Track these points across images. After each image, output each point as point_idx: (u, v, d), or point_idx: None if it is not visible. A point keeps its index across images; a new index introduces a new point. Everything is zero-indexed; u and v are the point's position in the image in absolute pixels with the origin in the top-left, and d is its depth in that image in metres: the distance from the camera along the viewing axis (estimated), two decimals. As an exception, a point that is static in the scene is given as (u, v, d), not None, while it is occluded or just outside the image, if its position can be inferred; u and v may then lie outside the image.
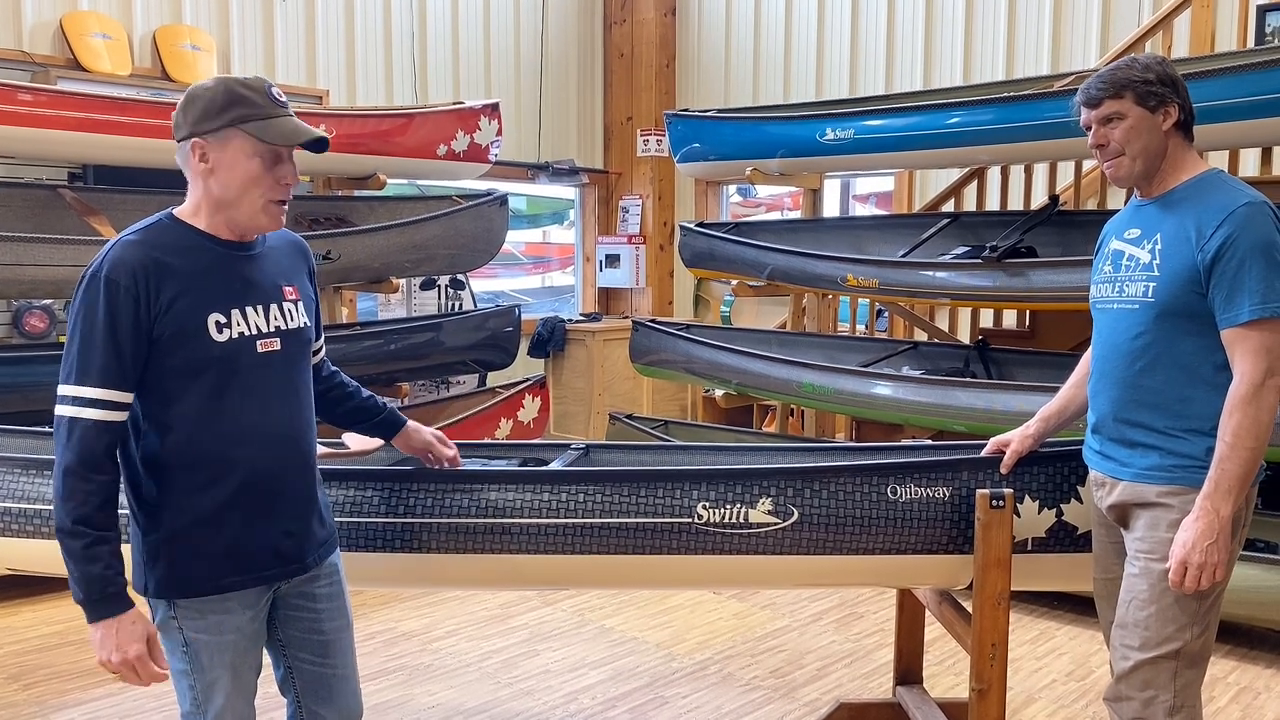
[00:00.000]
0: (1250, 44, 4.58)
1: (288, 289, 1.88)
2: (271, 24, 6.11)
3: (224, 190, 1.76)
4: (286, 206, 1.82)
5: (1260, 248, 1.94)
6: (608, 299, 8.13)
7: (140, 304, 1.68)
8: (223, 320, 1.75)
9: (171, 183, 5.07)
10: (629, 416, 5.21)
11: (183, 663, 1.77)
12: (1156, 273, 2.06)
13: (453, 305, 6.62)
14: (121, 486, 1.75)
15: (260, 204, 1.77)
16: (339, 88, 6.41)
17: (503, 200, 5.62)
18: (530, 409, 5.77)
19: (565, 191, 8.13)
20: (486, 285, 7.70)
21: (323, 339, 2.07)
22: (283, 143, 1.76)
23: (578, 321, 7.51)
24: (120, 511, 1.72)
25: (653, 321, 5.59)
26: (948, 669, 3.46)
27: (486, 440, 5.31)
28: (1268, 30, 4.53)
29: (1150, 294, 2.06)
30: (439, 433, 2.29)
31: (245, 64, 6.00)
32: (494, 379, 6.29)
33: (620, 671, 3.46)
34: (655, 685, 3.35)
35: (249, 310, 1.79)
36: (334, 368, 2.17)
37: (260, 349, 1.79)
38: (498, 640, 3.73)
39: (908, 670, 2.99)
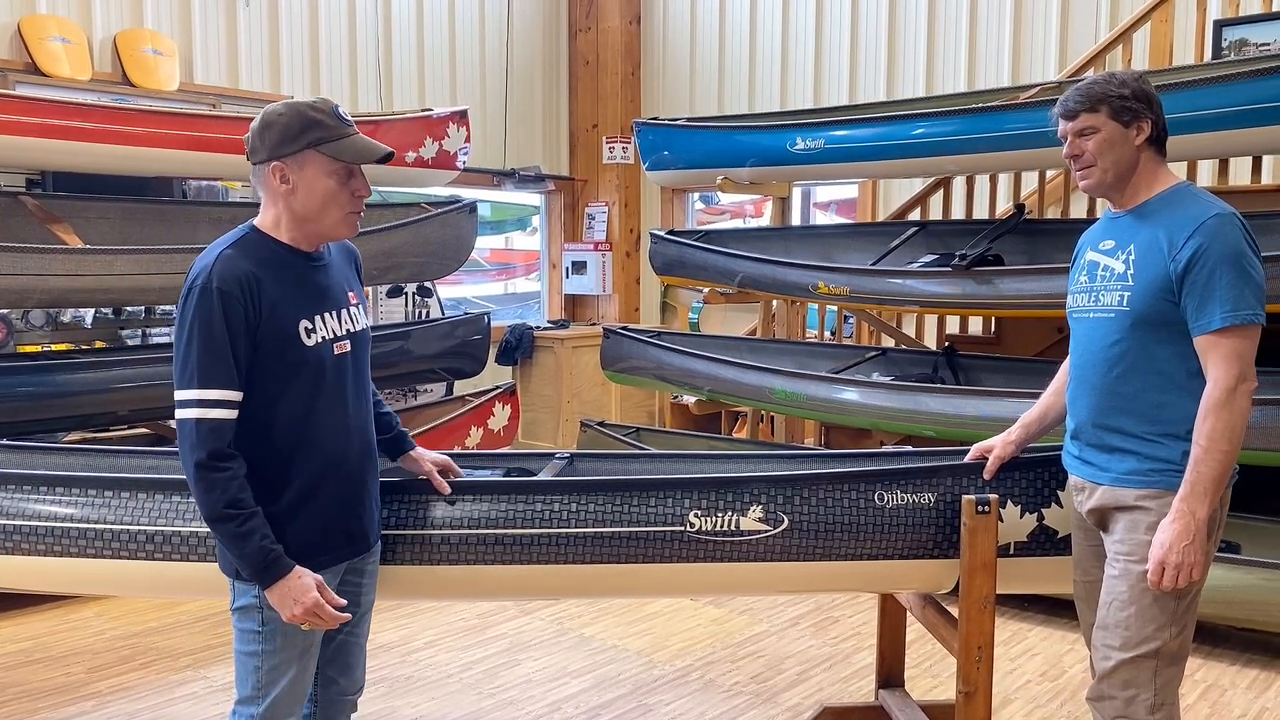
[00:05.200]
0: (1207, 57, 4.72)
1: (351, 294, 2.06)
2: (234, 28, 6.04)
3: (305, 207, 1.92)
4: (361, 215, 1.97)
5: (1230, 258, 2.01)
6: (574, 305, 8.13)
7: (248, 310, 1.84)
8: (310, 326, 1.92)
9: (132, 189, 5.02)
10: (600, 423, 5.21)
11: (255, 644, 1.91)
12: (1131, 282, 2.12)
13: (420, 313, 6.58)
14: None
15: (340, 216, 1.94)
16: (303, 93, 6.34)
17: (472, 208, 5.59)
18: (500, 417, 5.74)
19: (529, 198, 8.12)
20: (449, 291, 7.66)
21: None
22: (357, 160, 1.91)
23: (546, 329, 7.50)
24: None
25: (624, 328, 5.61)
26: (924, 671, 3.51)
27: (471, 450, 5.28)
28: (1224, 44, 4.67)
29: (1125, 303, 2.12)
30: (442, 459, 2.33)
31: (208, 69, 5.92)
32: (461, 387, 6.26)
33: (602, 680, 3.47)
34: (638, 693, 3.36)
35: (327, 316, 1.97)
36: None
37: (337, 351, 1.97)
38: (477, 651, 3.72)
39: (890, 674, 3.03)
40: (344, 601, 1.89)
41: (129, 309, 5.36)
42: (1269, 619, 3.57)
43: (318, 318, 1.94)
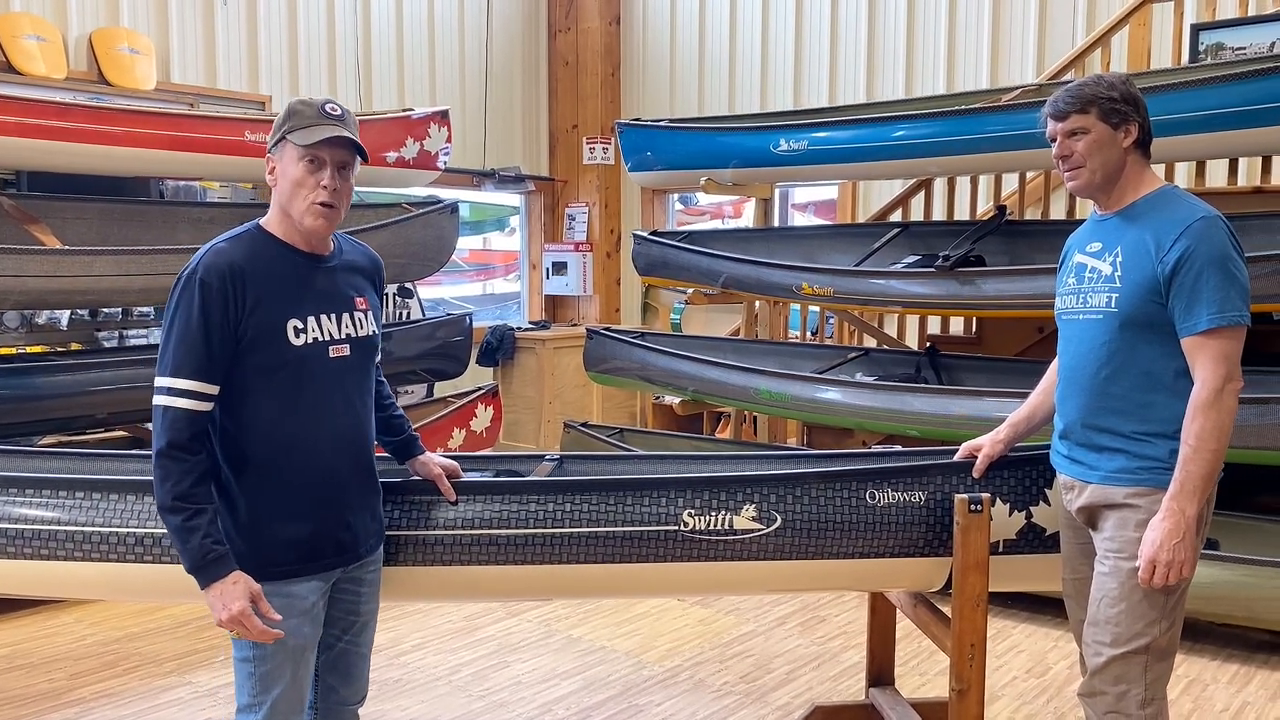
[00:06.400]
0: (1184, 61, 4.79)
1: (359, 299, 2.03)
2: (212, 27, 5.98)
3: (281, 195, 1.94)
4: (334, 211, 1.93)
5: (1216, 260, 2.04)
6: (554, 306, 8.12)
7: (229, 304, 1.83)
8: (300, 325, 1.90)
9: (108, 189, 4.96)
10: (584, 424, 5.21)
11: (248, 650, 1.89)
12: (1118, 284, 2.14)
13: (401, 314, 6.54)
14: None
15: (305, 205, 1.91)
16: (281, 93, 6.29)
17: (454, 208, 5.57)
18: (483, 418, 5.72)
19: (509, 198, 8.09)
20: (427, 292, 7.62)
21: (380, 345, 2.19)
22: (302, 142, 1.89)
23: (527, 330, 7.48)
24: None
25: (608, 329, 5.61)
26: (912, 670, 3.53)
27: (456, 453, 5.25)
28: (1201, 48, 4.74)
29: (1113, 304, 2.15)
30: (449, 464, 2.32)
31: (185, 69, 5.86)
32: (442, 388, 6.24)
33: (592, 681, 3.46)
34: (628, 694, 3.36)
35: (324, 318, 1.94)
36: (382, 376, 2.25)
37: (332, 354, 1.95)
38: (465, 653, 3.71)
39: (880, 672, 3.05)
40: (279, 618, 1.84)
41: (105, 310, 5.30)
42: (1249, 614, 3.63)
43: (311, 318, 1.92)
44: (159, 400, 1.83)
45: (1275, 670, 3.56)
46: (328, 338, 1.94)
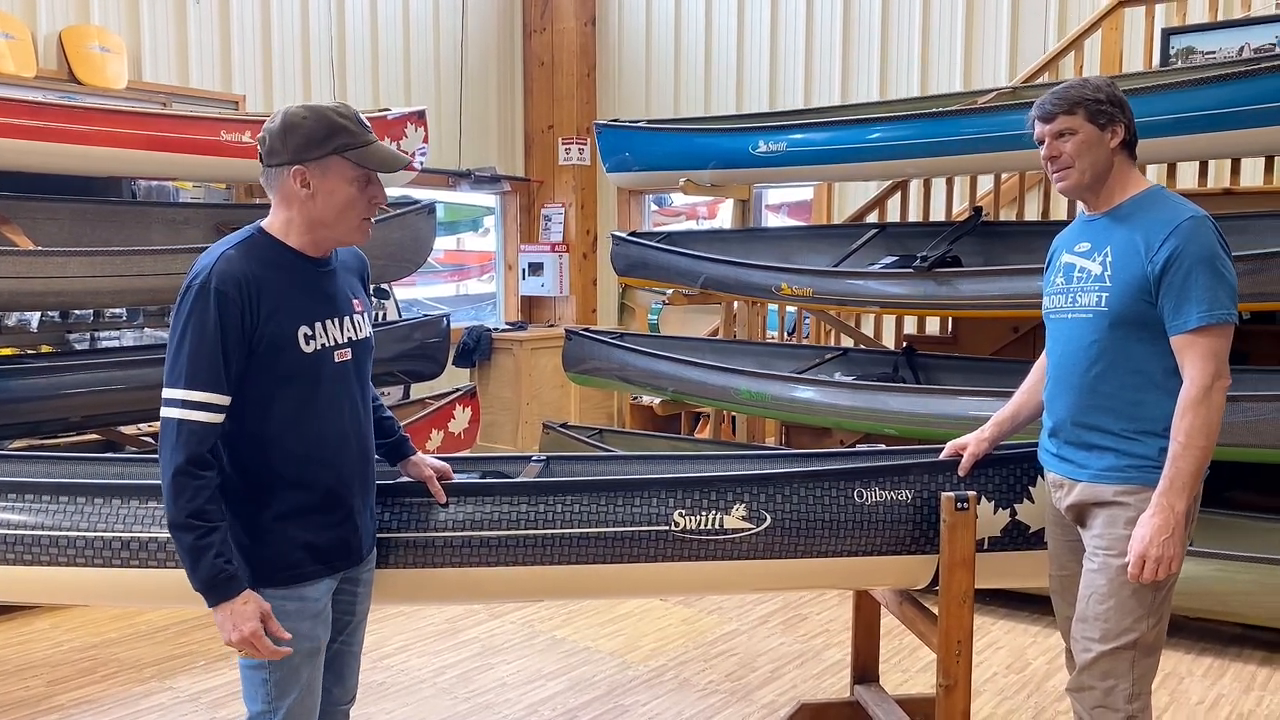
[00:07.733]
0: (1156, 65, 4.87)
1: (356, 302, 2.03)
2: (185, 26, 5.91)
3: (323, 213, 1.89)
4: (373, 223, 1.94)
5: (1205, 259, 2.07)
6: (530, 307, 8.11)
7: (245, 314, 1.80)
8: (309, 332, 1.88)
9: (79, 188, 4.88)
10: (563, 425, 5.20)
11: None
12: (1108, 284, 2.17)
13: (378, 315, 6.50)
14: None
15: (356, 223, 1.91)
16: (255, 93, 6.23)
17: (430, 209, 5.55)
18: (461, 420, 5.70)
19: (483, 199, 8.07)
20: (402, 293, 7.57)
21: None
22: (383, 169, 1.89)
23: (504, 330, 7.46)
24: None
25: (587, 330, 5.61)
26: (894, 666, 3.56)
27: (438, 455, 5.22)
28: (1172, 52, 4.82)
29: (1103, 304, 2.17)
30: (440, 465, 2.31)
31: (157, 68, 5.79)
32: (418, 390, 6.21)
33: (577, 682, 3.46)
34: (614, 694, 3.37)
35: (329, 323, 1.93)
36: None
37: (337, 359, 1.93)
38: (449, 655, 3.69)
39: (865, 669, 3.07)
40: (288, 636, 1.83)
41: (76, 312, 5.23)
42: (1223, 608, 3.69)
43: (318, 324, 1.90)
44: (173, 413, 1.77)
45: (1248, 663, 3.63)
46: (333, 343, 1.92)
